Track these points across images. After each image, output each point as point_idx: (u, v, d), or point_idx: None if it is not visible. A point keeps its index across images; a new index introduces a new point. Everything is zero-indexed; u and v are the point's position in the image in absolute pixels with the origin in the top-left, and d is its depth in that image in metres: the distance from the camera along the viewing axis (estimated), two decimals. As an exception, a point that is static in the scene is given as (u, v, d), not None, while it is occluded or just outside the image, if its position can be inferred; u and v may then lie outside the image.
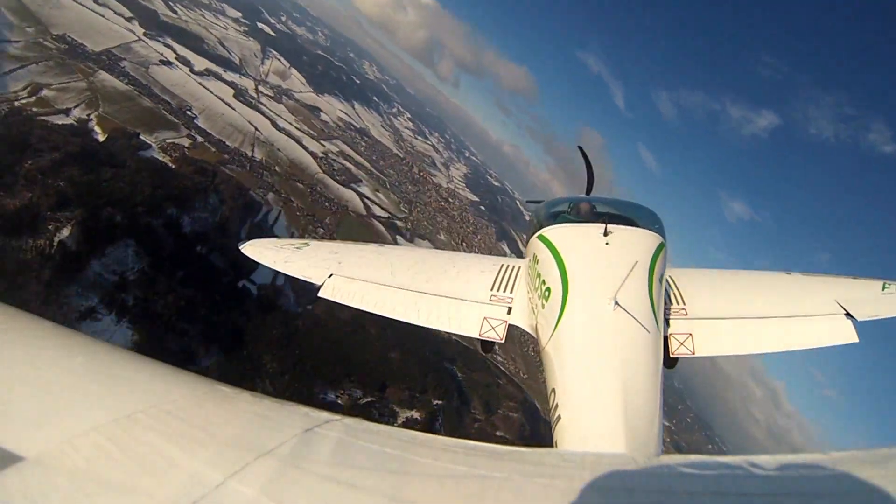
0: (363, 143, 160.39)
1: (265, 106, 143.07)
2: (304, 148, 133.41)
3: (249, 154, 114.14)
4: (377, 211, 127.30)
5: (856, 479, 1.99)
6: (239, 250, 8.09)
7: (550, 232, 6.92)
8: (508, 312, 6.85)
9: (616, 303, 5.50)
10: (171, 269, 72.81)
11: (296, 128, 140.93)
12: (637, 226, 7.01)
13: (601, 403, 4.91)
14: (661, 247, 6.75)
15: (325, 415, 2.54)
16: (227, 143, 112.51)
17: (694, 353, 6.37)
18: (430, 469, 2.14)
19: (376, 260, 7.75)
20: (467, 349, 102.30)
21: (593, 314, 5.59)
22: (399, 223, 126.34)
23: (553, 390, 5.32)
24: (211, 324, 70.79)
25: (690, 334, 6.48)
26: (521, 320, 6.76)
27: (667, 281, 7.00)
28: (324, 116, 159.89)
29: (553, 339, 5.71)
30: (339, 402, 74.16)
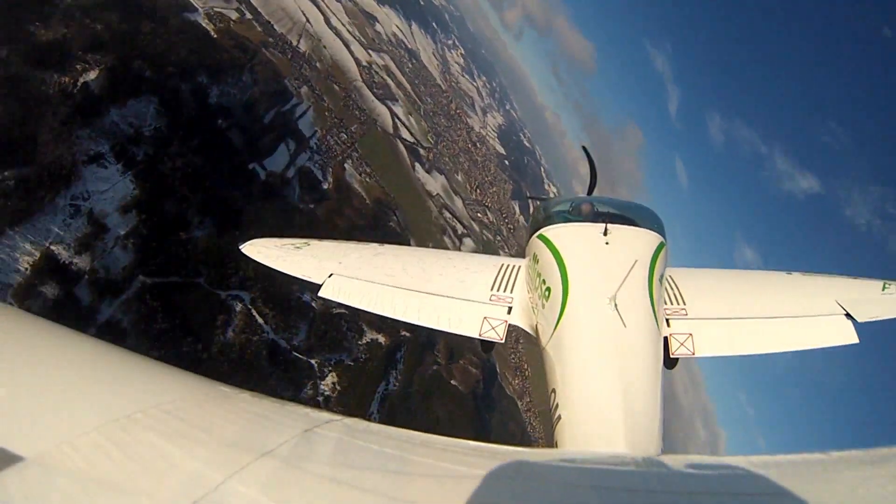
0: (409, 65, 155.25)
1: (323, 0, 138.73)
2: (351, 52, 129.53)
3: (294, 43, 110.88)
4: (404, 133, 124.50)
5: (853, 479, 2.02)
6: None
7: (551, 231, 6.89)
8: (508, 312, 6.86)
9: (616, 303, 5.51)
10: (186, 135, 71.81)
11: (347, 30, 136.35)
12: (637, 225, 6.97)
13: (601, 403, 4.98)
14: (661, 247, 6.72)
15: (325, 415, 2.55)
16: (275, 26, 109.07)
17: (694, 354, 6.43)
18: (429, 469, 2.17)
19: (376, 260, 7.73)
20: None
21: (593, 314, 5.61)
22: (422, 151, 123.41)
23: (553, 390, 5.38)
24: (212, 197, 70.32)
25: (690, 334, 6.52)
26: (521, 320, 6.79)
27: (667, 281, 7.02)
28: (378, 27, 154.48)
29: (553, 339, 5.75)
30: (312, 304, 74.60)
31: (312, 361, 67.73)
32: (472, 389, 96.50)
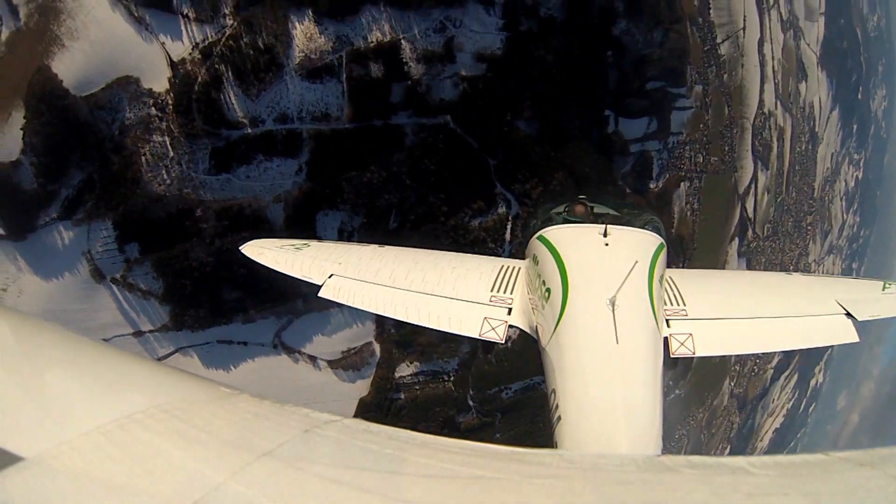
0: (804, 146, 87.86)
1: (768, 20, 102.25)
2: (761, 89, 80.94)
3: (718, 40, 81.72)
4: (749, 203, 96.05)
5: (853, 479, 2.02)
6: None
7: (550, 233, 6.91)
8: (508, 313, 6.86)
9: (616, 303, 5.52)
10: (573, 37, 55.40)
11: (772, 66, 77.60)
12: (637, 227, 7.00)
13: (601, 404, 5.03)
14: (660, 247, 6.76)
15: (324, 416, 2.53)
16: (711, 11, 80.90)
17: (694, 353, 6.45)
18: (429, 470, 2.15)
19: (376, 261, 7.69)
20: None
21: (593, 314, 5.64)
22: (750, 233, 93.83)
23: (553, 390, 5.40)
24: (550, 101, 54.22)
25: (690, 334, 6.54)
26: (521, 321, 6.80)
27: (667, 282, 7.03)
28: (802, 86, 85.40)
29: (553, 340, 5.77)
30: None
31: (505, 202, 53.66)
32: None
